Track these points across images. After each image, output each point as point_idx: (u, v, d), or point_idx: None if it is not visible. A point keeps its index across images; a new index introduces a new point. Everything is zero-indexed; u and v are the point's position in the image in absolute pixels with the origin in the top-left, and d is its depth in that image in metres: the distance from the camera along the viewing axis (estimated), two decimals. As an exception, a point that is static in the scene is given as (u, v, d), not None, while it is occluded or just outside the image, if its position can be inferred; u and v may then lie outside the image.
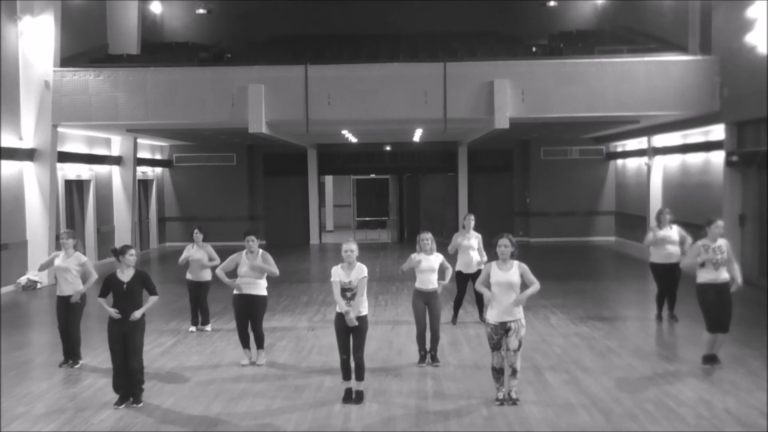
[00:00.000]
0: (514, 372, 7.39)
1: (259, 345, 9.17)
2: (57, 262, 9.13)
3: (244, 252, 9.06)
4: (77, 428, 6.90)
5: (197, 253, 11.03)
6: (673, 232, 11.09)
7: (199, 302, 11.11)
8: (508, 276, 7.30)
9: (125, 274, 7.68)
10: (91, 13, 19.95)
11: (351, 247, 7.52)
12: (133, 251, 7.79)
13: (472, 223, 11.33)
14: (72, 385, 8.29)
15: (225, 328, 11.21)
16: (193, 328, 11.10)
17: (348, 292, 7.48)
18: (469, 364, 8.85)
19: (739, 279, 8.53)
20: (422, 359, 8.98)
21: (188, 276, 11.17)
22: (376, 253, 21.64)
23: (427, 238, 9.11)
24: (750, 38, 14.18)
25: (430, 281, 8.98)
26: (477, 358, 9.08)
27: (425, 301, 8.98)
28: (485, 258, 10.94)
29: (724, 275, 8.48)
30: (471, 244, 11.14)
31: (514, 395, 7.39)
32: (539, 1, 23.41)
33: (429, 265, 8.97)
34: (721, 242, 8.56)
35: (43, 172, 16.12)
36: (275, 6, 24.13)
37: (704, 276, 8.51)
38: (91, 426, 6.96)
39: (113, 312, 7.53)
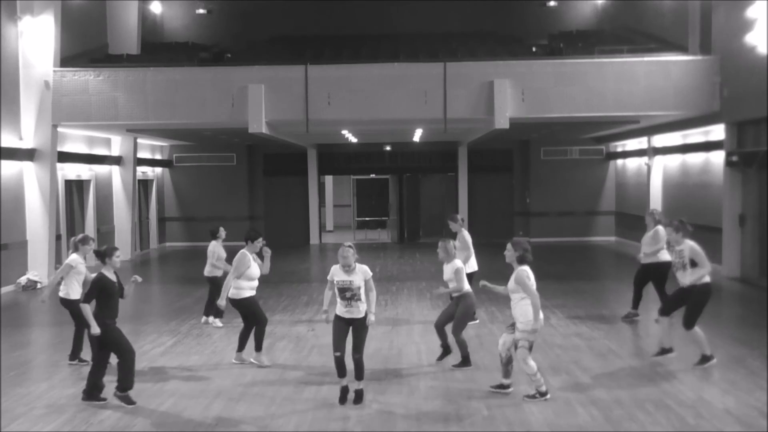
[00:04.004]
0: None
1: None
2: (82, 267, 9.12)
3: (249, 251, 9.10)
4: (77, 428, 6.90)
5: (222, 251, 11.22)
6: (648, 235, 11.12)
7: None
8: (509, 282, 7.41)
9: (112, 275, 7.68)
10: (91, 13, 19.95)
11: (346, 254, 7.32)
12: (119, 252, 7.82)
13: (452, 224, 11.00)
14: (72, 385, 8.27)
15: (225, 327, 11.22)
16: (219, 322, 11.28)
17: (347, 292, 7.35)
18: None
19: (692, 280, 8.50)
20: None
21: (215, 273, 11.28)
22: (376, 253, 21.63)
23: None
24: (750, 38, 14.19)
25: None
26: (477, 358, 9.07)
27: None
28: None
29: (686, 280, 8.59)
30: None
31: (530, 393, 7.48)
32: (539, 1, 23.42)
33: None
34: (684, 246, 8.60)
35: (43, 172, 16.12)
36: (275, 6, 24.13)
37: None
38: (91, 426, 6.96)
39: (95, 330, 7.45)
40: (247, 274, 8.93)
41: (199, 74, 16.44)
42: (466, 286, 8.84)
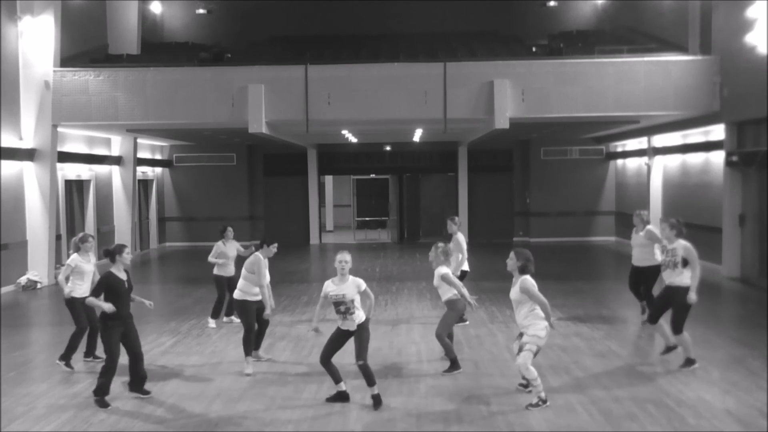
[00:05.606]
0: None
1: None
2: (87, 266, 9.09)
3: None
4: (77, 428, 6.90)
5: (230, 249, 11.20)
6: (641, 235, 11.07)
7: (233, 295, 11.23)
8: (512, 292, 7.29)
9: (122, 273, 7.72)
10: (91, 13, 19.95)
11: (345, 258, 7.25)
12: (128, 249, 7.87)
13: (451, 225, 11.01)
14: (72, 385, 8.28)
15: (225, 327, 11.22)
16: (213, 323, 11.20)
17: (341, 306, 7.26)
18: (469, 365, 8.84)
19: (693, 288, 8.27)
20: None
21: (217, 272, 11.23)
22: (376, 253, 21.64)
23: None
24: (750, 38, 14.19)
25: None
26: (477, 358, 9.07)
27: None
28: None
29: (674, 279, 8.45)
30: None
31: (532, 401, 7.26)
32: (539, 1, 23.43)
33: None
34: (677, 245, 8.46)
35: (43, 172, 16.12)
36: (275, 6, 24.16)
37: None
38: (91, 426, 6.96)
39: (108, 306, 7.41)
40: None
41: (199, 74, 16.45)
42: (453, 292, 8.58)
